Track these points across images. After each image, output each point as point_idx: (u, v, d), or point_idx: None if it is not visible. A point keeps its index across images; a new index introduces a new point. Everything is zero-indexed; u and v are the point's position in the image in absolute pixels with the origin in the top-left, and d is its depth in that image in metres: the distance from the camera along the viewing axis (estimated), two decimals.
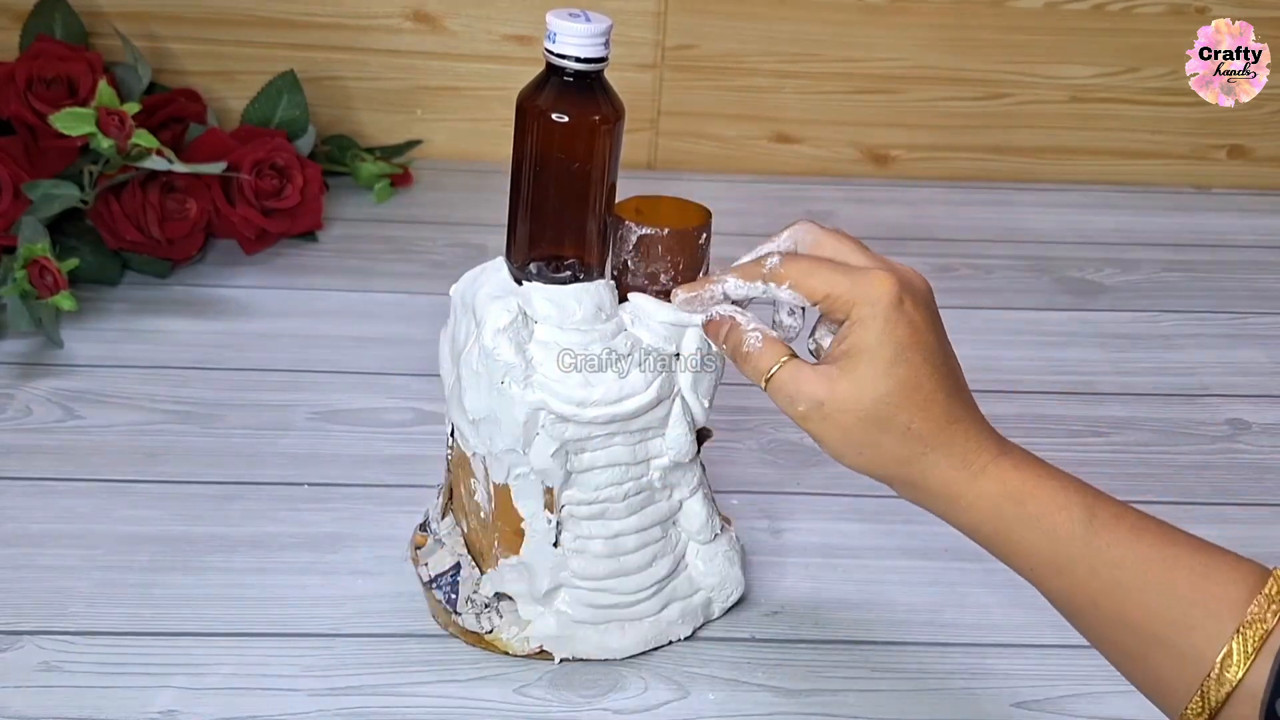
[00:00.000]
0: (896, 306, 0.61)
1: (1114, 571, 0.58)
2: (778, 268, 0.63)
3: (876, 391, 0.60)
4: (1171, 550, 0.58)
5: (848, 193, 1.36)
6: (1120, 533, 0.58)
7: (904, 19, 1.34)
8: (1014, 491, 0.60)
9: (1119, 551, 0.58)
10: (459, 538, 0.75)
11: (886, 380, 0.60)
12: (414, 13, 1.32)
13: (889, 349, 0.60)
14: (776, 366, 0.63)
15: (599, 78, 0.65)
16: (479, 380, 0.68)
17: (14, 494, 0.85)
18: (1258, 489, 0.94)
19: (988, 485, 0.60)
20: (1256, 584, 0.55)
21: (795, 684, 0.74)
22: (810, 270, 0.63)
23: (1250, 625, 0.54)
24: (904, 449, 0.61)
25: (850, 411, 0.61)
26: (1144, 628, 0.57)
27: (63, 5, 1.22)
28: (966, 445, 0.61)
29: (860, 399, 0.61)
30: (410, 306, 1.10)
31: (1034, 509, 0.60)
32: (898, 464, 0.62)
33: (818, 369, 0.62)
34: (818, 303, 0.63)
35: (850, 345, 0.61)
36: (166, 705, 0.70)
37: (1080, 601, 0.59)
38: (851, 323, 0.61)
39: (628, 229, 0.67)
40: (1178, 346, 1.12)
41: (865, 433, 0.61)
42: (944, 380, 0.62)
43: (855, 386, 0.61)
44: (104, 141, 1.01)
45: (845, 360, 0.61)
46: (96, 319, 1.05)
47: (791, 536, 0.86)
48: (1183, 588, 0.56)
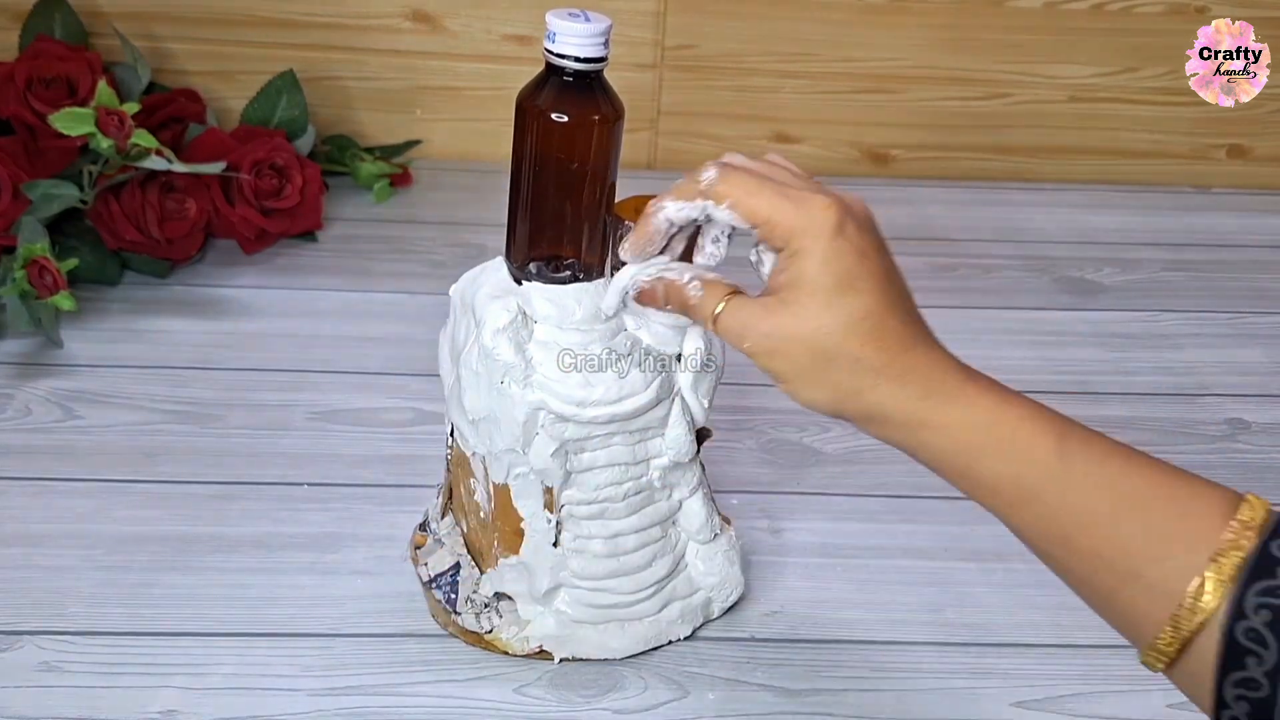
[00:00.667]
0: (838, 233, 0.58)
1: (1086, 500, 0.55)
2: (715, 183, 0.61)
3: (820, 322, 0.58)
4: (1142, 479, 0.55)
5: (848, 193, 1.36)
6: (1091, 459, 0.56)
7: (904, 19, 1.34)
8: (980, 418, 0.57)
9: (1091, 480, 0.55)
10: (459, 537, 0.75)
11: (830, 310, 0.58)
12: (414, 13, 1.32)
13: (831, 276, 0.58)
14: (720, 305, 0.61)
15: (599, 77, 0.65)
16: (479, 380, 0.68)
17: (14, 494, 0.85)
18: (1258, 489, 0.92)
19: (952, 413, 0.57)
20: (1228, 509, 0.53)
21: (795, 684, 0.74)
22: (753, 190, 0.60)
23: (1224, 553, 0.52)
24: (855, 380, 0.58)
25: (795, 342, 0.59)
26: (1117, 563, 0.54)
27: (62, 5, 1.22)
28: (928, 373, 0.58)
29: (802, 330, 0.58)
30: (410, 306, 1.10)
31: (1002, 435, 0.57)
32: (851, 396, 0.59)
33: (760, 301, 0.60)
34: (757, 226, 0.60)
35: (792, 275, 0.59)
36: (166, 705, 0.70)
37: (1053, 535, 0.56)
38: (792, 251, 0.59)
39: (628, 229, 0.67)
40: (1178, 346, 1.12)
41: (813, 365, 0.59)
42: (894, 306, 0.59)
43: (797, 318, 0.58)
44: (103, 141, 1.01)
45: (786, 290, 0.59)
46: (96, 319, 1.05)
47: (791, 536, 0.86)
48: (1155, 518, 0.54)
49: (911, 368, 0.58)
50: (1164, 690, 0.72)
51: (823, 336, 0.58)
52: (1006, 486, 0.57)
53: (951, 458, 0.58)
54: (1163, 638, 0.52)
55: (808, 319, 0.58)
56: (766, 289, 0.61)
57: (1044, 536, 0.56)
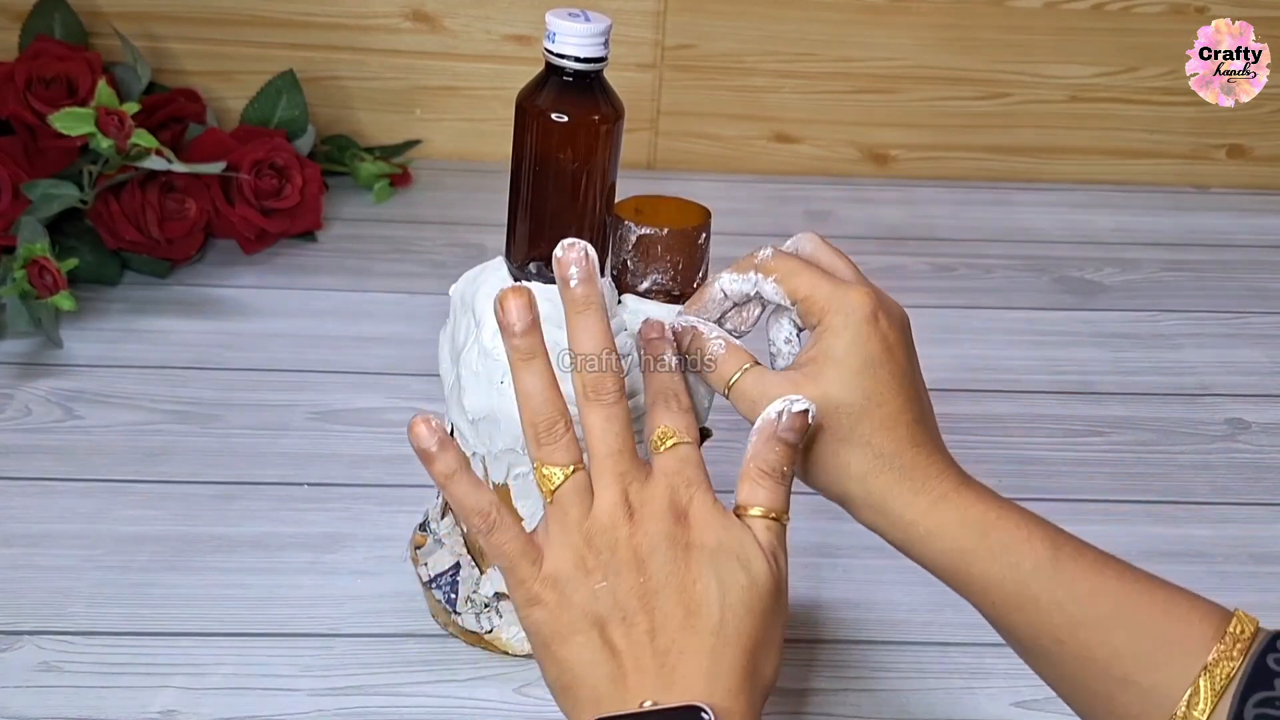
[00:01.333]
0: (870, 321, 0.60)
1: (1080, 607, 0.57)
2: (768, 260, 0.63)
3: (839, 399, 0.59)
4: (1134, 587, 0.57)
5: (848, 192, 1.36)
6: (1084, 568, 0.57)
7: (904, 19, 1.34)
8: (976, 521, 0.58)
9: (1085, 586, 0.57)
10: (459, 537, 0.75)
11: (850, 390, 0.59)
12: (413, 13, 1.32)
13: (857, 359, 0.59)
14: (739, 373, 0.62)
15: (598, 77, 0.65)
16: (479, 380, 0.68)
17: (14, 494, 0.85)
18: (1258, 489, 0.94)
19: (949, 513, 0.59)
20: (1219, 623, 0.56)
21: (795, 684, 0.74)
22: (797, 270, 0.62)
23: (1217, 665, 0.54)
24: (862, 464, 0.60)
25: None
26: (1110, 668, 0.56)
27: (62, 5, 1.22)
28: (928, 470, 0.60)
29: (822, 406, 0.59)
30: (410, 306, 1.10)
31: (998, 540, 0.58)
32: (855, 479, 0.60)
33: (782, 374, 0.61)
34: (797, 302, 0.62)
35: (818, 351, 0.60)
36: (166, 705, 0.70)
37: (1044, 639, 0.58)
38: (823, 329, 0.60)
39: (628, 229, 0.67)
40: (1178, 346, 1.12)
41: (824, 442, 0.60)
42: (910, 403, 0.60)
43: (818, 393, 0.59)
44: (103, 141, 1.01)
45: (811, 366, 0.60)
46: (96, 319, 1.05)
47: (791, 536, 0.85)
48: (1148, 626, 0.56)
49: (916, 464, 0.60)
50: None
51: (839, 415, 0.60)
52: (999, 589, 0.58)
53: (945, 558, 0.59)
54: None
55: (828, 395, 0.60)
56: (792, 364, 0.62)
57: (1035, 639, 0.58)
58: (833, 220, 1.30)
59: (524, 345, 0.58)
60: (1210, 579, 0.84)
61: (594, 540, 0.55)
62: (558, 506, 0.57)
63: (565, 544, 0.56)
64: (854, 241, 1.26)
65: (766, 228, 1.26)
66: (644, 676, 0.53)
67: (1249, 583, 0.84)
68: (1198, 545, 0.88)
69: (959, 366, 1.04)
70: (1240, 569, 0.85)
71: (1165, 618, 0.56)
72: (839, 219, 1.30)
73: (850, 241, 1.26)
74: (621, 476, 0.57)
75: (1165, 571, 0.86)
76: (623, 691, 0.53)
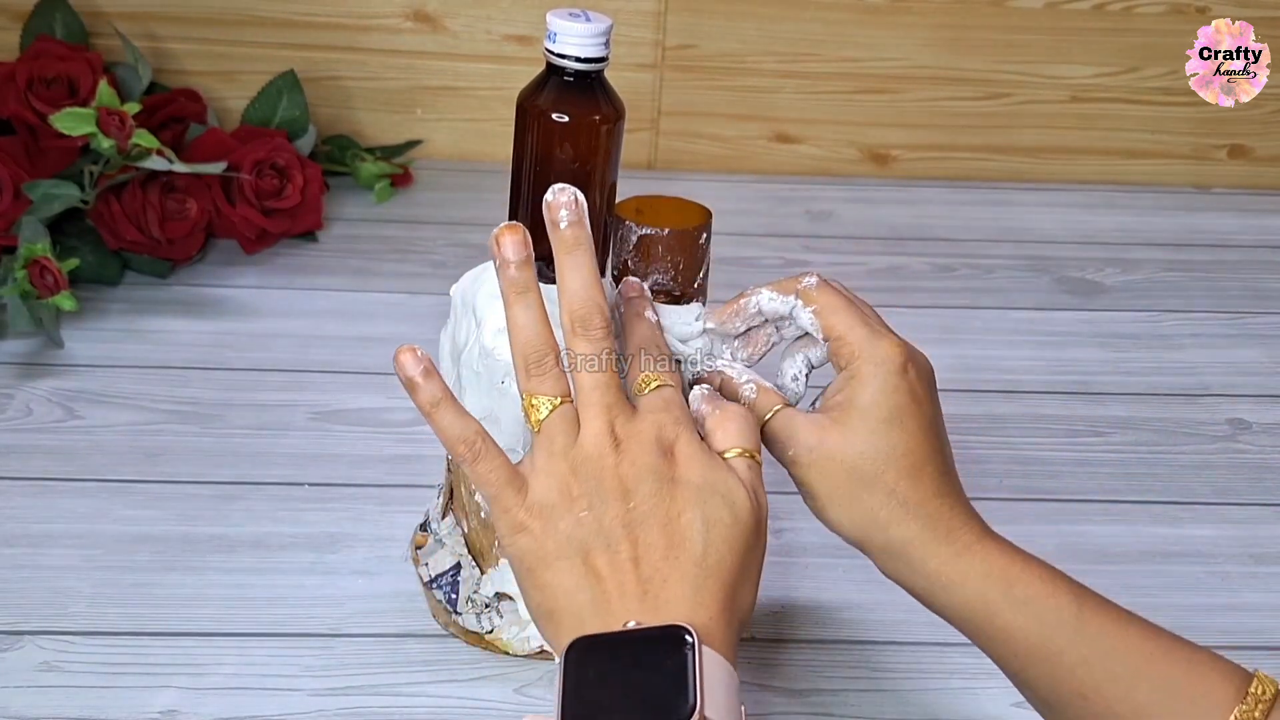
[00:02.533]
0: (900, 373, 0.61)
1: (1105, 661, 0.57)
2: (811, 290, 0.63)
3: (866, 447, 0.60)
4: (1158, 645, 0.58)
5: (848, 193, 1.36)
6: (1108, 624, 0.58)
7: (904, 19, 1.34)
8: (1000, 573, 0.59)
9: (1109, 641, 0.57)
10: (459, 537, 0.75)
11: (876, 438, 0.60)
12: (414, 13, 1.32)
13: (885, 409, 0.60)
14: (770, 414, 0.63)
15: (599, 77, 0.65)
16: (479, 380, 0.68)
17: (14, 494, 0.85)
18: (1258, 489, 0.94)
19: (973, 564, 0.59)
20: (1241, 683, 0.56)
21: (795, 684, 0.74)
22: (838, 307, 0.63)
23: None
24: (886, 511, 0.60)
25: (837, 461, 0.61)
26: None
27: (63, 5, 1.22)
28: (951, 521, 0.60)
29: (846, 451, 0.60)
30: (410, 306, 1.10)
31: (1022, 593, 0.59)
32: (878, 527, 0.61)
33: (811, 416, 0.62)
34: (830, 340, 0.63)
35: (846, 397, 0.61)
36: (167, 705, 0.70)
37: (1066, 693, 0.58)
38: (851, 375, 0.62)
39: (628, 229, 0.67)
40: (1178, 346, 1.12)
41: (849, 487, 0.61)
42: (934, 455, 0.61)
43: (844, 438, 0.61)
44: (104, 141, 1.01)
45: (839, 411, 0.61)
46: (96, 319, 1.05)
47: (791, 536, 0.86)
48: (1171, 684, 0.56)
49: (939, 514, 0.60)
50: None
51: (864, 461, 0.60)
52: (1023, 642, 0.59)
53: (967, 609, 0.60)
54: None
55: (854, 441, 0.61)
56: (822, 407, 0.63)
57: (1057, 693, 0.59)
58: (833, 220, 1.30)
59: (519, 278, 0.58)
60: (1210, 579, 0.84)
61: (580, 469, 0.56)
62: (544, 436, 0.57)
63: (551, 472, 0.56)
64: (854, 241, 1.26)
65: (766, 228, 1.26)
66: (627, 601, 0.54)
67: (1249, 583, 0.84)
68: (1198, 545, 0.88)
69: (959, 366, 1.04)
70: (1241, 569, 0.85)
71: (1188, 676, 0.57)
72: (839, 219, 1.30)
73: (850, 241, 1.27)
74: (608, 409, 0.57)
75: (1166, 571, 0.87)
76: (606, 615, 0.53)
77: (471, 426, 0.58)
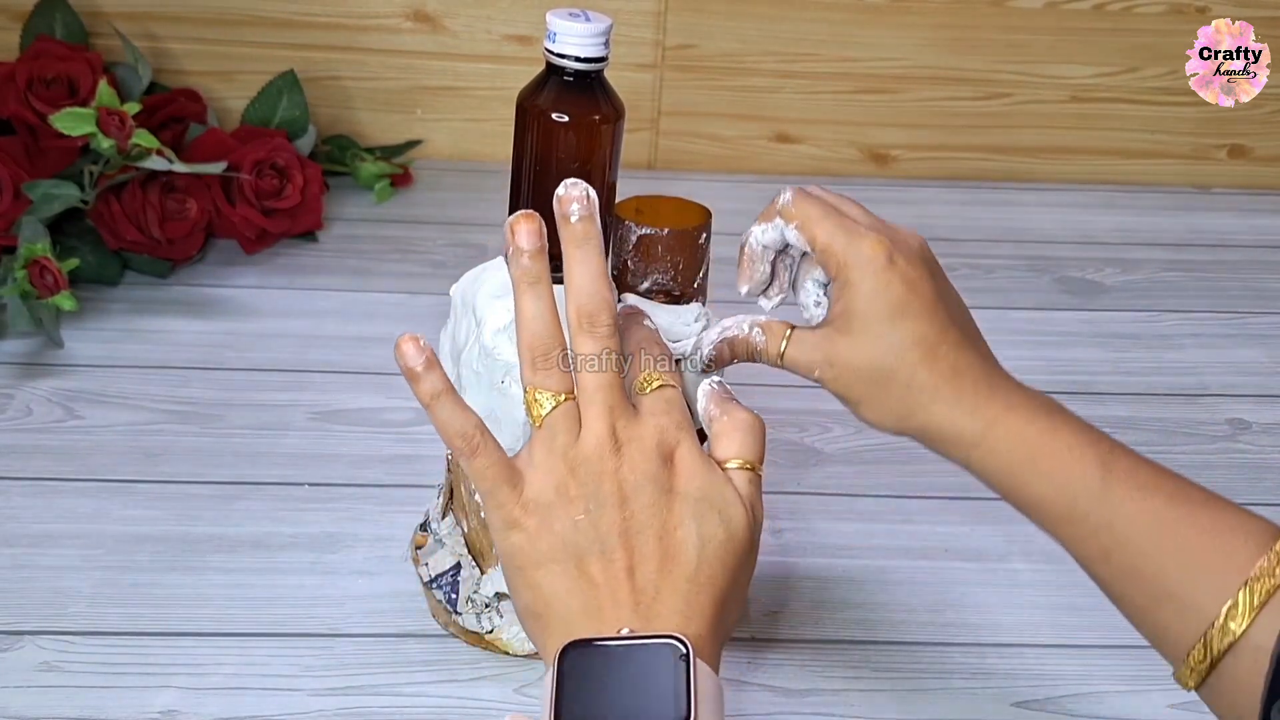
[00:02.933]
0: (887, 267, 0.61)
1: (1127, 528, 0.57)
2: (789, 205, 0.64)
3: (874, 350, 0.61)
4: (1184, 508, 0.57)
5: (848, 193, 1.35)
6: (1133, 490, 0.58)
7: (904, 19, 1.34)
8: (1025, 446, 0.59)
9: (1132, 508, 0.57)
10: (459, 537, 0.75)
11: (881, 339, 0.61)
12: (414, 13, 1.32)
13: (881, 308, 0.61)
14: (784, 344, 0.63)
15: (599, 77, 0.65)
16: (479, 380, 0.68)
17: (14, 494, 0.85)
18: (1258, 489, 0.94)
19: (999, 438, 0.60)
20: (1266, 540, 0.55)
21: (795, 684, 0.74)
22: (818, 216, 0.63)
23: (1258, 579, 0.54)
24: (911, 401, 0.61)
25: (853, 369, 0.61)
26: (1154, 582, 0.57)
27: (63, 5, 1.22)
28: (975, 398, 0.60)
29: (858, 358, 0.61)
30: (410, 306, 1.10)
31: (1046, 465, 0.59)
32: (908, 417, 0.61)
33: (817, 332, 0.63)
34: (816, 251, 0.63)
35: (844, 306, 0.62)
36: (167, 705, 0.70)
37: (1091, 552, 0.59)
38: (843, 283, 0.62)
39: (628, 229, 0.67)
40: (1178, 346, 1.12)
41: (872, 390, 0.61)
42: (946, 331, 0.61)
43: (852, 347, 0.61)
44: (104, 141, 1.01)
45: (840, 320, 0.62)
46: (96, 319, 1.05)
47: (791, 536, 0.86)
48: (1193, 546, 0.56)
49: (960, 393, 0.61)
50: (1164, 690, 0.73)
51: (877, 363, 0.61)
52: (1050, 507, 0.59)
53: (999, 477, 0.60)
54: (1195, 655, 0.55)
55: (862, 347, 0.61)
56: (825, 319, 0.63)
57: (1084, 553, 0.59)
58: None
59: (531, 268, 0.58)
60: None
61: (579, 469, 0.56)
62: (545, 431, 0.57)
63: (549, 469, 0.56)
64: None
65: None
66: (620, 610, 0.53)
67: None
68: None
69: None
70: None
71: (1210, 536, 0.56)
72: None
73: None
74: (610, 410, 0.57)
75: None
76: (598, 622, 0.53)
77: (471, 420, 0.57)
